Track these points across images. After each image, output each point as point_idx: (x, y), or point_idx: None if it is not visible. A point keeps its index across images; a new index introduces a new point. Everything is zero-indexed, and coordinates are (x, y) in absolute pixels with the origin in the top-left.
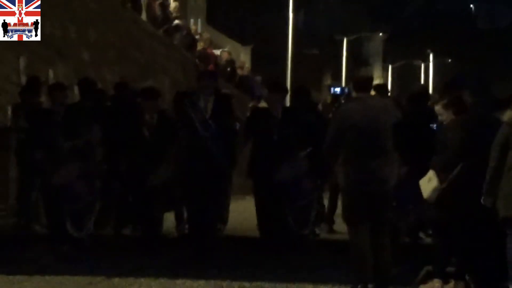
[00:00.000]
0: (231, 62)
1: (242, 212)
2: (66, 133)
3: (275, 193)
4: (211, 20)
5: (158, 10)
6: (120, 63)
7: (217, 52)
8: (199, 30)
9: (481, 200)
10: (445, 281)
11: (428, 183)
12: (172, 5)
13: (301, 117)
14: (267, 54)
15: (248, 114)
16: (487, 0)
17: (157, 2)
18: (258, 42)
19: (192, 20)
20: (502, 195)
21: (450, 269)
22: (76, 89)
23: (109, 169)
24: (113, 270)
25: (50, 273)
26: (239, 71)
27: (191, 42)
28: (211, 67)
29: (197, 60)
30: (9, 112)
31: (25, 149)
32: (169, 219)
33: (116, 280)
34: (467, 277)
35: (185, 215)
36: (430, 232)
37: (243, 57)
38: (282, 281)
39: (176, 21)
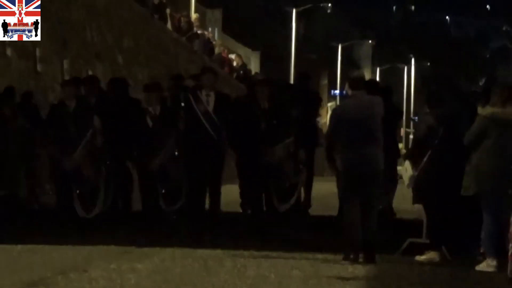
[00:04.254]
0: (243, 66)
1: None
2: (76, 123)
3: (262, 174)
4: (226, 29)
5: (181, 20)
6: (149, 65)
7: (231, 56)
8: (216, 38)
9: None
10: (422, 252)
11: (406, 173)
12: (193, 16)
13: (286, 109)
14: (274, 58)
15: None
16: (459, 12)
17: (180, 13)
18: (266, 48)
19: (209, 29)
20: (479, 174)
21: (425, 241)
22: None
23: (114, 155)
24: (139, 242)
25: (89, 243)
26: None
27: (209, 48)
28: (226, 69)
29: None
30: None
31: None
32: None
33: (146, 249)
34: (443, 248)
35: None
36: None
37: (253, 61)
38: (285, 251)
39: (196, 30)
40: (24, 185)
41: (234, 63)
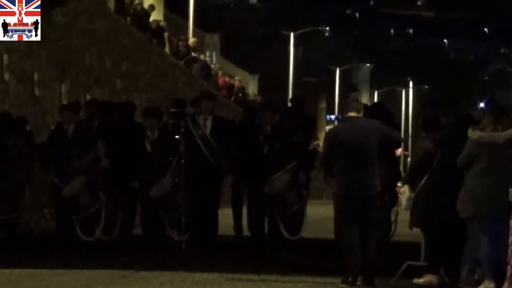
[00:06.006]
0: (242, 90)
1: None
2: (76, 148)
3: (263, 203)
4: (225, 53)
5: (179, 45)
6: (148, 90)
7: (229, 79)
8: (214, 62)
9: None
10: (420, 275)
11: (403, 196)
12: (191, 40)
13: (289, 134)
14: (272, 82)
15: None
16: (458, 37)
17: (178, 38)
18: (264, 71)
19: (208, 53)
20: (472, 198)
21: (423, 263)
22: None
23: (115, 180)
24: (138, 266)
25: (87, 268)
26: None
27: (207, 71)
28: (223, 93)
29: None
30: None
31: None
32: None
33: (144, 273)
34: (441, 270)
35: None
36: None
37: (251, 85)
38: (284, 275)
39: (194, 54)
40: (24, 210)
41: (235, 87)
